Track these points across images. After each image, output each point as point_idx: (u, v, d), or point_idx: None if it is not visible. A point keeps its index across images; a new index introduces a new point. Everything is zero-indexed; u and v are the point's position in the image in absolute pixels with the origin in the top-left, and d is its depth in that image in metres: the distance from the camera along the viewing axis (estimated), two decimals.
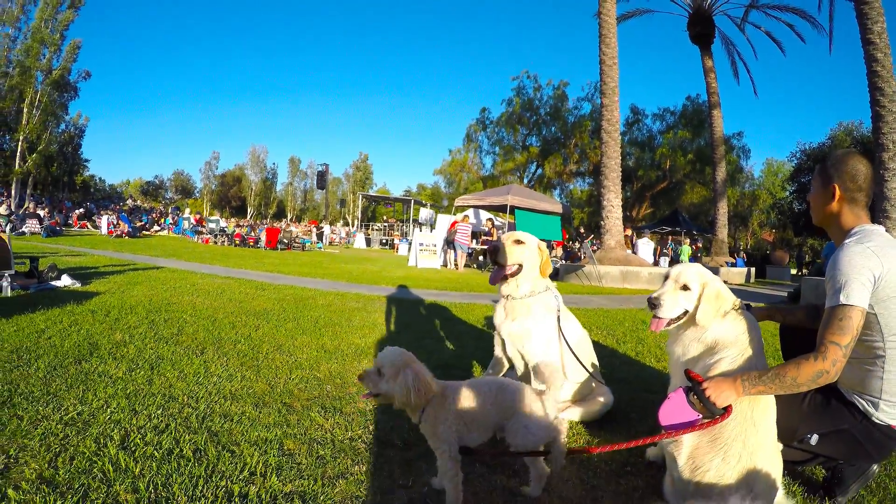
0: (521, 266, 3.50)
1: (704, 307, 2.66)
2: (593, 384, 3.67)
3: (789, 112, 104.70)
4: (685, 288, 2.76)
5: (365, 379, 2.44)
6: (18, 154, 44.49)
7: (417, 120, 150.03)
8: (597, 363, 3.81)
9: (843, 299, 2.33)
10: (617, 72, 17.37)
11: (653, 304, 2.73)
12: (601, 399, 3.59)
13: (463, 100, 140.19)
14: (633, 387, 4.46)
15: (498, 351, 3.67)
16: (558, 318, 3.49)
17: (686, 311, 2.73)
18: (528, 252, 3.51)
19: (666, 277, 2.85)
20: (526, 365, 3.47)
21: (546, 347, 3.40)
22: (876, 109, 12.78)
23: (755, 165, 70.44)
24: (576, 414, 3.52)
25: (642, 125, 52.85)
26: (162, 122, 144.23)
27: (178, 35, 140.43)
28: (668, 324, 2.76)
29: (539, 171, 55.80)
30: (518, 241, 3.53)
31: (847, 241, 2.54)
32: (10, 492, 2.25)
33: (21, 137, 44.13)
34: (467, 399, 2.49)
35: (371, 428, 3.34)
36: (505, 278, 3.51)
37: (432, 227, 26.46)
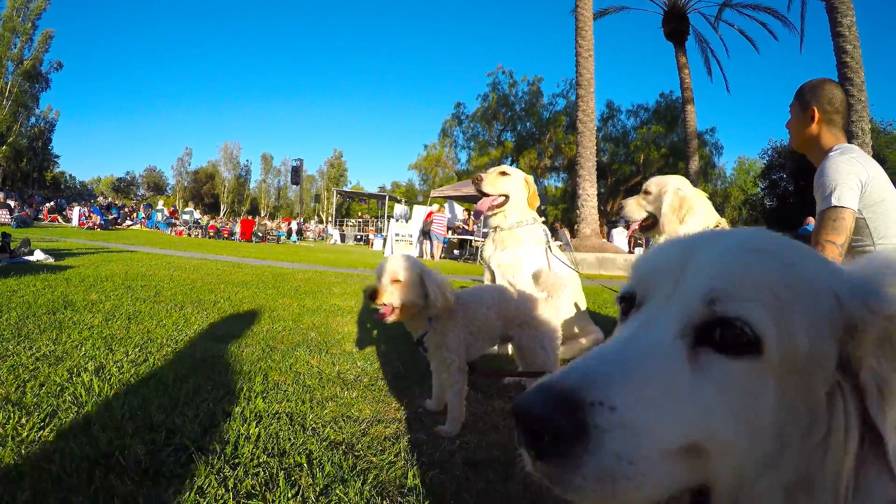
0: (507, 197, 3.37)
1: (665, 212, 2.68)
2: (581, 325, 3.55)
3: (761, 110, 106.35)
4: (646, 192, 2.91)
5: (384, 294, 2.13)
6: None
7: (392, 116, 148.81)
8: (586, 305, 3.71)
9: (834, 201, 2.33)
10: (593, 63, 17.30)
11: (618, 211, 2.78)
12: (593, 335, 3.48)
13: (438, 95, 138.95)
14: None
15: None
16: (548, 249, 3.36)
17: (651, 215, 2.82)
18: (513, 184, 3.39)
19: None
20: None
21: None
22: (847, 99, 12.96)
23: (727, 164, 71.49)
24: (572, 349, 3.39)
25: (617, 121, 52.85)
26: (134, 118, 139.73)
27: (151, 29, 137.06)
28: (640, 228, 2.93)
29: (514, 165, 55.42)
30: (503, 173, 3.41)
31: (830, 154, 2.54)
32: None
33: None
34: (473, 306, 2.33)
35: (359, 364, 3.18)
36: (490, 209, 3.39)
37: (407, 220, 26.22)
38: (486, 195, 3.38)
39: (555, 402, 0.57)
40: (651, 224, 3.04)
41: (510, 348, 3.57)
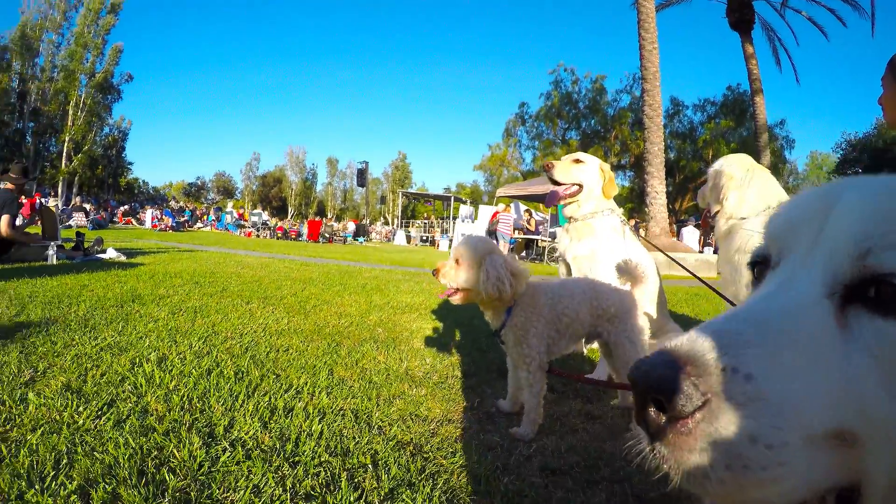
0: (580, 186, 3.17)
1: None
2: (659, 322, 3.30)
3: (833, 101, 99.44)
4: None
5: (441, 272, 2.09)
6: (64, 155, 46.09)
7: (456, 117, 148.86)
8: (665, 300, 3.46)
9: None
10: (657, 56, 16.70)
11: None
12: (674, 334, 3.22)
13: (501, 95, 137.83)
14: None
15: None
16: (627, 239, 3.14)
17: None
18: (587, 172, 3.18)
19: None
20: None
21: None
22: None
23: (799, 159, 68.27)
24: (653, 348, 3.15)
25: (683, 116, 51.68)
26: (203, 125, 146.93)
27: (216, 40, 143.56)
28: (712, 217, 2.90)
29: None
30: (577, 161, 3.21)
31: None
32: (32, 395, 2.01)
33: (66, 138, 45.73)
34: (562, 299, 2.13)
35: (428, 361, 3.04)
36: (563, 198, 3.19)
37: (473, 221, 26.10)
38: (559, 184, 3.18)
39: (679, 365, 0.49)
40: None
41: (584, 347, 3.36)
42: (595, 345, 2.49)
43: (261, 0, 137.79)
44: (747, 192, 2.72)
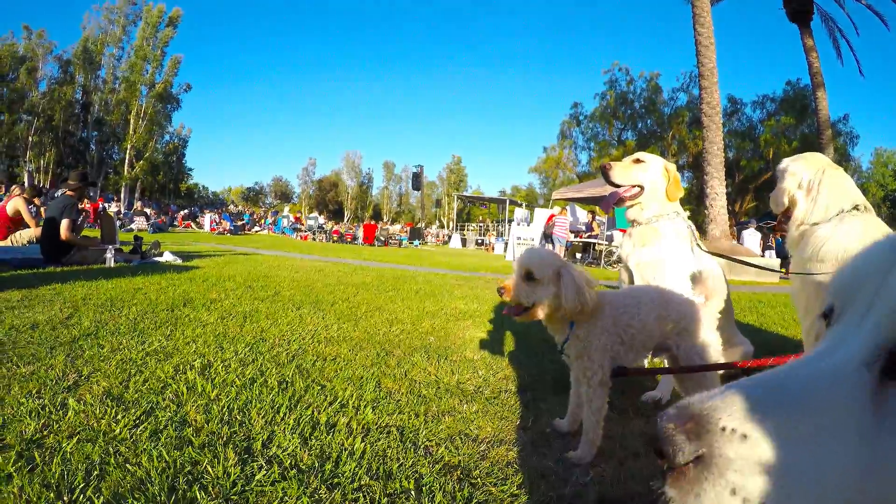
0: (641, 188, 2.99)
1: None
2: (728, 334, 3.10)
3: None
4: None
5: (513, 290, 1.93)
6: (126, 162, 48.71)
7: (510, 120, 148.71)
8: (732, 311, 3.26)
9: None
10: (714, 52, 16.09)
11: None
12: (742, 348, 3.03)
13: (555, 96, 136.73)
14: (761, 348, 3.83)
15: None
16: (694, 247, 2.94)
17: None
18: (649, 172, 2.99)
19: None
20: None
21: (684, 277, 2.86)
22: None
23: (863, 156, 65.24)
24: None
25: (741, 114, 50.62)
26: (260, 132, 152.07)
27: (272, 48, 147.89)
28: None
29: None
30: (638, 161, 3.03)
31: None
32: (72, 401, 2.02)
33: (128, 146, 48.32)
34: (629, 311, 1.99)
35: (481, 373, 2.93)
36: (621, 201, 3.02)
37: (528, 224, 25.91)
38: (617, 186, 3.02)
39: (684, 420, 0.53)
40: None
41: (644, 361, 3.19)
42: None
43: (317, 9, 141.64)
44: (819, 196, 2.53)
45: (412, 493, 1.58)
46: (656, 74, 52.30)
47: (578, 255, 21.01)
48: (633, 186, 3.04)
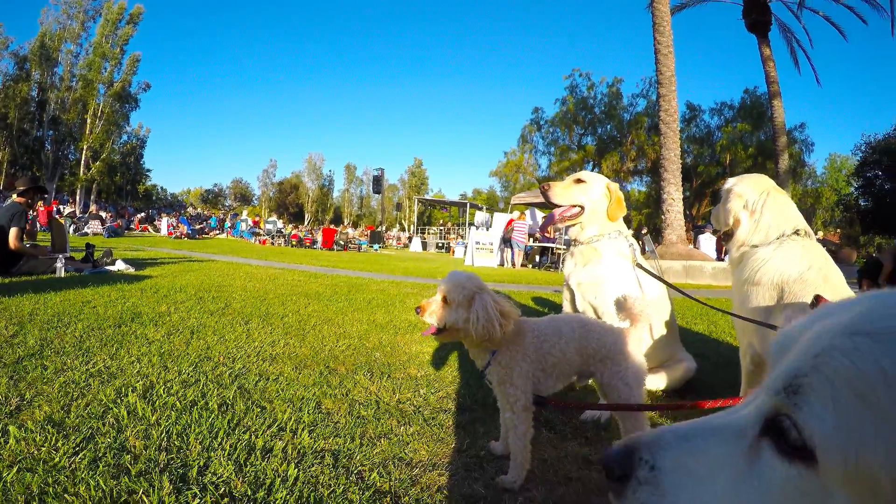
0: (581, 208, 3.09)
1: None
2: (670, 351, 3.24)
3: (852, 102, 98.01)
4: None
5: (427, 310, 2.03)
6: (83, 162, 47.30)
7: (472, 124, 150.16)
8: (676, 327, 3.37)
9: None
10: (673, 60, 16.55)
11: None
12: (684, 364, 3.15)
13: (517, 101, 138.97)
14: (711, 361, 4.04)
15: (567, 307, 3.23)
16: (635, 266, 3.05)
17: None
18: (589, 192, 3.08)
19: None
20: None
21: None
22: None
23: (817, 162, 67.85)
24: (661, 380, 3.08)
25: (699, 121, 52.13)
26: (221, 133, 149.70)
27: (233, 47, 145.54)
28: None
29: (596, 169, 54.94)
30: (578, 181, 3.13)
31: None
32: (13, 429, 2.02)
33: (85, 147, 46.91)
34: (548, 338, 2.07)
35: (422, 392, 3.00)
36: (557, 222, 3.14)
37: (488, 228, 26.17)
38: (557, 206, 3.12)
39: (620, 452, 0.69)
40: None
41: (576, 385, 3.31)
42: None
43: (280, 10, 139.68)
44: (761, 218, 2.58)
45: None
46: (619, 80, 53.33)
47: (538, 259, 21.32)
48: (574, 206, 3.12)
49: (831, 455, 0.51)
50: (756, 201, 2.61)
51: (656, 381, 3.06)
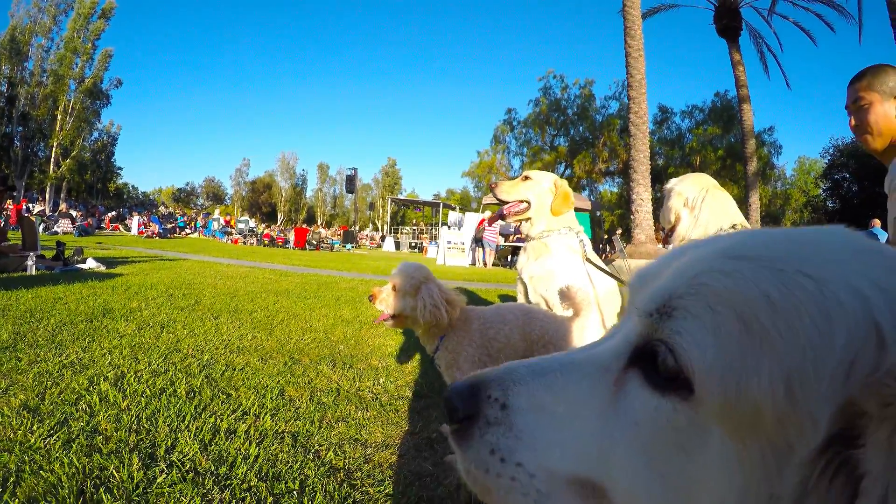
0: (528, 203, 3.26)
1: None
2: None
3: (821, 106, 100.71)
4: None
5: (378, 297, 2.20)
6: (52, 160, 46.16)
7: (446, 124, 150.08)
8: None
9: None
10: (643, 63, 16.84)
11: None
12: None
13: (490, 102, 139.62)
14: None
15: (520, 299, 3.40)
16: (585, 261, 3.22)
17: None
18: (536, 188, 3.24)
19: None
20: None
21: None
22: None
23: (787, 164, 69.26)
24: None
25: (671, 123, 52.46)
26: (193, 130, 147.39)
27: (208, 44, 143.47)
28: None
29: (568, 171, 55.28)
30: (526, 178, 3.29)
31: None
32: None
33: (55, 144, 45.76)
34: (493, 324, 2.24)
35: (382, 381, 3.17)
36: (505, 216, 3.31)
37: (460, 228, 26.39)
38: (504, 202, 3.29)
39: (465, 389, 0.62)
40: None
41: None
42: None
43: (253, 7, 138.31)
44: (701, 213, 2.69)
45: (295, 493, 1.80)
46: (591, 81, 53.33)
47: (509, 258, 21.53)
48: (521, 202, 3.29)
49: (710, 384, 0.46)
50: (696, 199, 2.74)
51: None
